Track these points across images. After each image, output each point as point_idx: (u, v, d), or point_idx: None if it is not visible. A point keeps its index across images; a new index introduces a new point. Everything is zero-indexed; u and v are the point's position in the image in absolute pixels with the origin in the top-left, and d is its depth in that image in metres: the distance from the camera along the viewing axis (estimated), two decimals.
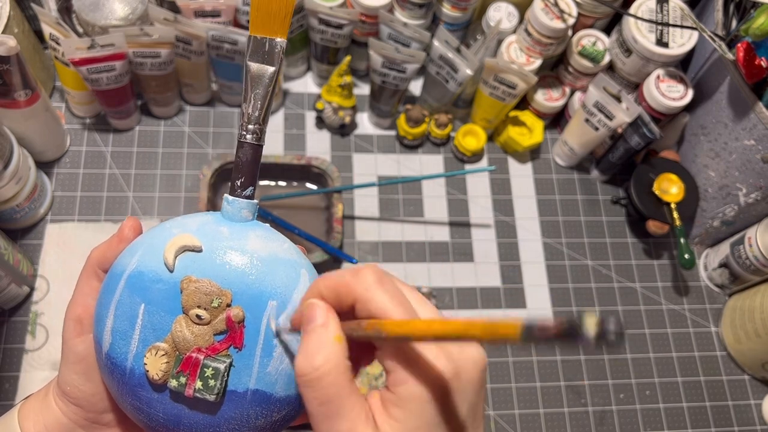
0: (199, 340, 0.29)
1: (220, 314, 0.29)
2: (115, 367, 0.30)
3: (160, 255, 0.30)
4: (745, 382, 0.78)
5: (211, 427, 0.30)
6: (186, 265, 0.29)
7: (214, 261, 0.29)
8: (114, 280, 0.31)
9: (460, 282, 0.79)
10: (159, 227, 0.32)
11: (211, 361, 0.28)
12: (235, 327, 0.29)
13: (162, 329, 0.29)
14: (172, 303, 0.29)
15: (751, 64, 0.65)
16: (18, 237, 0.73)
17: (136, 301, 0.29)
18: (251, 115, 0.32)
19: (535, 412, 0.73)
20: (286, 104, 0.86)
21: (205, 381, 0.28)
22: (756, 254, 0.73)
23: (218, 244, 0.30)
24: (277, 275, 0.30)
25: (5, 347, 0.68)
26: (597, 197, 0.86)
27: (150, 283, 0.29)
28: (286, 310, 0.29)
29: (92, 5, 0.70)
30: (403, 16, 0.78)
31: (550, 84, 0.84)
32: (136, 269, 0.30)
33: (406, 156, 0.85)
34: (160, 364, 0.29)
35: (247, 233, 0.31)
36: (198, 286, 0.29)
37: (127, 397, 0.30)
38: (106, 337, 0.30)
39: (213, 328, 0.29)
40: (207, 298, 0.29)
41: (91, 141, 0.79)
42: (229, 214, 0.32)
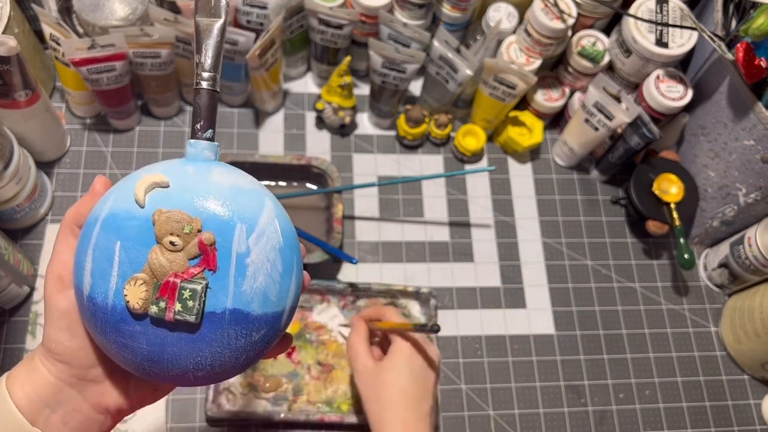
0: (174, 266, 0.30)
1: (192, 240, 0.30)
2: (97, 307, 0.31)
3: (130, 197, 0.31)
4: (745, 382, 0.78)
5: (193, 350, 0.31)
6: (156, 201, 0.31)
7: (182, 194, 0.31)
8: (89, 227, 0.32)
9: (460, 282, 0.79)
10: (127, 176, 0.33)
11: (187, 283, 0.30)
12: (207, 250, 0.30)
13: (139, 262, 0.30)
14: (146, 236, 0.30)
15: (750, 64, 0.65)
16: (18, 237, 0.73)
17: (111, 240, 0.31)
18: (204, 63, 0.34)
19: (535, 412, 0.74)
20: (286, 104, 0.86)
21: (184, 303, 0.30)
22: (756, 254, 0.73)
23: (185, 179, 0.32)
24: (242, 202, 0.32)
25: (5, 347, 0.68)
26: (597, 197, 0.86)
27: (123, 221, 0.31)
28: (255, 231, 0.31)
29: (92, 5, 0.70)
30: (403, 17, 0.78)
31: (550, 84, 0.84)
32: (109, 212, 0.31)
33: (406, 156, 0.85)
34: (139, 292, 0.30)
35: (210, 169, 0.33)
36: (169, 215, 0.30)
37: (110, 335, 0.31)
38: (86, 280, 0.31)
39: (187, 253, 0.30)
40: (178, 226, 0.30)
41: (91, 141, 0.80)
42: (192, 155, 0.34)
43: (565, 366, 0.76)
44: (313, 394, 0.70)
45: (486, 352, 0.76)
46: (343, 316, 0.74)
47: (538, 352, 0.77)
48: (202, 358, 0.31)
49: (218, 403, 0.67)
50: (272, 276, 0.32)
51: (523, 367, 0.75)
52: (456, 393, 0.73)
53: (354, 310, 0.74)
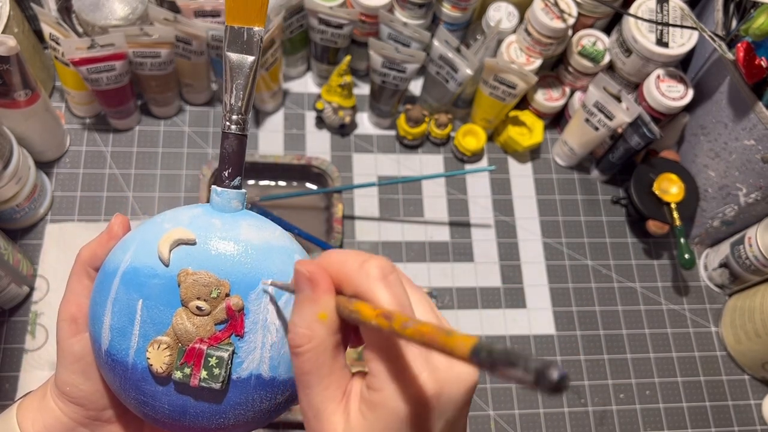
0: (200, 331, 0.29)
1: (219, 304, 0.29)
2: (117, 364, 0.30)
3: (154, 250, 0.30)
4: (745, 382, 0.78)
5: (216, 414, 0.30)
6: (181, 258, 0.29)
7: (209, 252, 0.30)
8: (108, 277, 0.31)
9: (460, 282, 0.79)
10: (150, 222, 0.32)
11: (214, 350, 0.29)
12: (235, 315, 0.29)
13: (162, 323, 0.29)
14: (170, 296, 0.29)
15: (751, 64, 0.65)
16: (18, 237, 0.73)
17: (133, 297, 0.29)
18: (233, 106, 0.32)
19: (535, 412, 0.73)
20: (286, 104, 0.86)
21: (210, 370, 0.29)
22: (756, 254, 0.73)
23: (211, 235, 0.30)
24: (272, 262, 0.30)
25: (5, 347, 0.68)
26: (597, 197, 0.86)
27: (146, 279, 0.29)
28: (285, 295, 0.30)
29: (92, 5, 0.70)
30: (403, 16, 0.78)
31: (550, 84, 0.84)
32: (131, 265, 0.30)
33: (406, 156, 0.85)
34: (163, 357, 0.29)
35: (239, 223, 0.31)
36: (196, 278, 0.29)
37: (130, 392, 0.30)
38: (105, 334, 0.30)
39: (213, 318, 0.29)
40: (206, 290, 0.29)
41: (91, 141, 0.79)
42: (219, 205, 0.32)
43: (565, 366, 0.76)
44: None
45: None
46: None
47: (538, 352, 0.76)
48: (224, 421, 0.30)
49: None
50: None
51: None
52: None
53: None
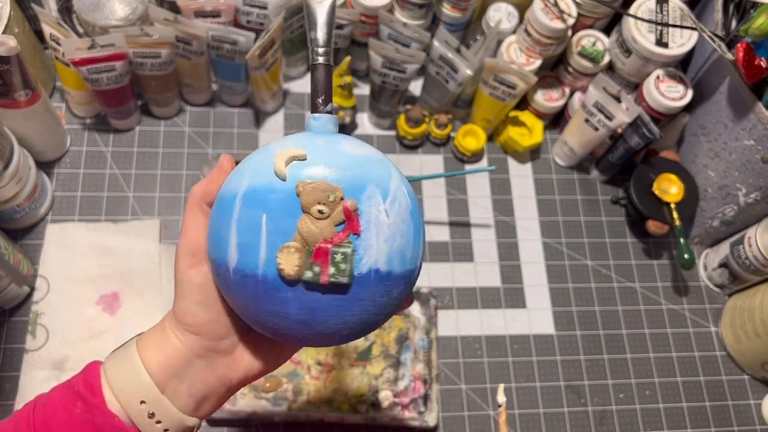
0: (324, 232, 0.32)
1: (336, 207, 0.32)
2: (247, 278, 0.32)
3: (268, 172, 0.33)
4: (745, 382, 0.78)
5: (343, 311, 0.33)
6: (294, 174, 0.32)
7: (318, 165, 0.33)
8: (228, 203, 0.33)
9: (460, 282, 0.79)
10: (256, 153, 0.35)
11: (338, 248, 0.32)
12: (352, 216, 0.32)
13: (286, 232, 0.32)
14: (291, 207, 0.32)
15: (750, 64, 0.65)
16: (18, 237, 0.73)
17: (256, 213, 0.32)
18: (318, 40, 0.36)
19: (535, 411, 0.74)
20: (286, 104, 0.86)
21: (337, 266, 0.32)
22: (756, 254, 0.73)
23: (318, 150, 0.33)
24: (373, 169, 0.34)
25: (5, 347, 0.68)
26: (597, 197, 0.86)
27: (266, 195, 0.32)
28: (389, 196, 0.33)
29: (92, 5, 0.70)
30: (403, 17, 0.78)
31: (550, 84, 0.84)
32: (249, 187, 0.33)
33: (406, 156, 0.85)
34: (293, 260, 0.31)
35: (339, 140, 0.35)
36: (314, 186, 0.32)
37: (262, 304, 0.33)
38: (232, 254, 0.33)
39: (333, 220, 0.32)
40: (324, 195, 0.32)
41: (91, 141, 0.80)
42: (318, 128, 0.36)
43: (565, 366, 0.76)
44: (313, 394, 0.70)
45: (486, 352, 0.76)
46: None
47: (538, 352, 0.77)
48: (350, 317, 0.33)
49: None
50: (407, 237, 0.34)
51: (523, 367, 0.75)
52: (456, 393, 0.73)
53: None
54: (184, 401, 0.35)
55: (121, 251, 0.72)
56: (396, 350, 0.72)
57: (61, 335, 0.68)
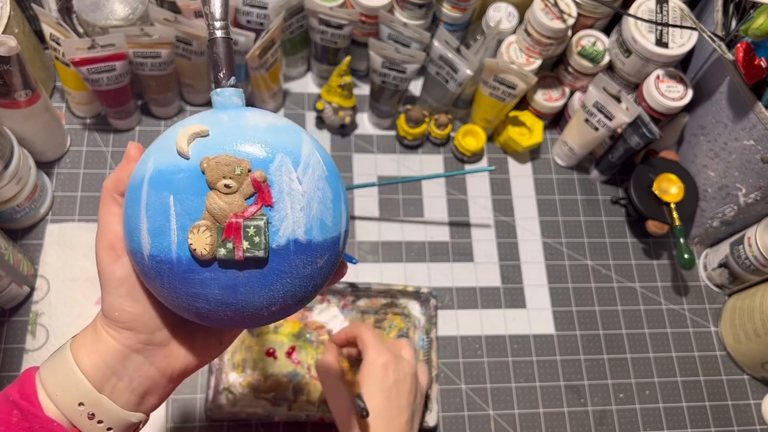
0: (234, 207, 0.31)
1: (245, 180, 0.31)
2: (162, 264, 0.31)
3: (172, 152, 0.32)
4: (745, 381, 0.78)
5: (265, 285, 0.32)
6: (199, 151, 0.31)
7: (223, 140, 0.32)
8: (136, 190, 0.32)
9: (460, 282, 0.79)
10: (161, 136, 0.34)
11: (250, 221, 0.31)
12: (261, 187, 0.31)
13: (195, 211, 0.31)
14: (198, 185, 0.31)
15: (750, 64, 0.65)
16: (18, 237, 0.73)
17: (163, 195, 0.31)
18: (214, 13, 0.35)
19: (535, 412, 0.74)
20: (286, 104, 0.86)
21: (251, 240, 0.31)
22: (755, 254, 0.73)
23: (222, 126, 0.32)
24: (282, 138, 0.33)
25: (5, 347, 0.68)
26: (597, 197, 0.86)
27: (172, 176, 0.31)
28: (301, 163, 0.32)
29: (92, 5, 0.70)
30: (403, 17, 0.78)
31: (550, 84, 0.84)
32: (154, 169, 0.32)
33: (406, 156, 0.85)
34: (204, 239, 0.31)
35: (244, 114, 0.33)
36: (218, 160, 0.31)
37: (180, 288, 0.32)
38: (145, 240, 0.32)
39: (242, 194, 0.31)
40: (229, 168, 0.31)
41: (91, 141, 0.80)
42: (222, 103, 0.34)
43: (565, 366, 0.76)
44: (313, 394, 0.70)
45: (486, 352, 0.76)
46: (343, 316, 0.74)
47: (538, 352, 0.77)
48: (274, 292, 0.32)
49: (218, 404, 0.67)
50: (325, 203, 0.33)
51: (523, 367, 0.75)
52: (456, 393, 0.73)
53: (354, 309, 0.74)
54: (126, 398, 0.35)
55: None
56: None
57: (61, 335, 0.68)
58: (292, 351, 0.72)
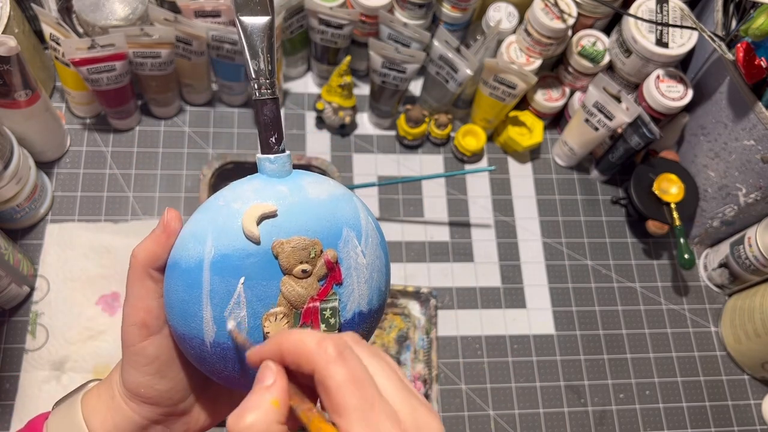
0: (310, 291, 0.30)
1: (318, 262, 0.31)
2: (230, 351, 0.30)
3: (236, 233, 0.30)
4: (745, 381, 0.78)
5: None
6: (268, 232, 0.30)
7: (290, 219, 0.30)
8: (191, 273, 0.30)
9: (460, 282, 0.79)
10: (212, 209, 0.31)
11: (325, 303, 0.31)
12: (334, 267, 0.31)
13: (269, 297, 0.30)
14: (270, 270, 0.30)
15: (750, 64, 0.65)
16: (18, 237, 0.73)
17: (231, 282, 0.29)
18: (263, 71, 0.32)
19: (535, 412, 0.74)
20: (286, 104, 0.86)
21: (327, 322, 0.31)
22: (756, 254, 0.73)
23: (286, 202, 0.31)
24: (343, 210, 0.32)
25: (5, 347, 0.68)
26: (597, 197, 0.86)
27: (240, 261, 0.29)
28: (362, 235, 0.32)
29: (92, 5, 0.70)
30: (403, 17, 0.78)
31: (550, 84, 0.84)
32: (218, 253, 0.30)
33: (406, 156, 0.85)
34: (282, 326, 0.30)
35: (302, 184, 0.32)
36: (293, 245, 0.30)
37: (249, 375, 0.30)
38: (209, 328, 0.30)
39: (316, 276, 0.31)
40: (305, 253, 0.30)
41: (91, 141, 0.80)
42: (275, 171, 0.32)
43: (565, 366, 0.76)
44: None
45: (486, 352, 0.76)
46: None
47: (538, 352, 0.77)
48: None
49: None
50: (381, 270, 0.33)
51: (523, 367, 0.75)
52: (456, 393, 0.73)
53: None
54: None
55: (121, 251, 0.72)
56: (396, 350, 0.72)
57: (61, 335, 0.68)
58: None
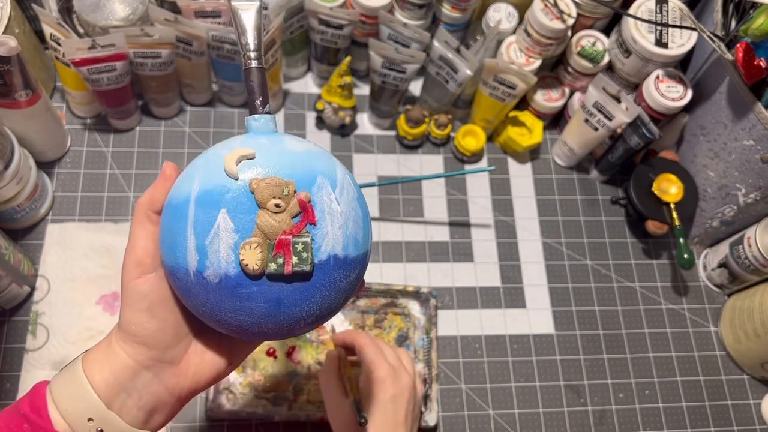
0: (283, 225, 0.33)
1: (291, 200, 0.33)
2: (208, 279, 0.33)
3: (219, 173, 0.33)
4: (745, 381, 0.79)
5: (307, 298, 0.34)
6: (246, 172, 0.33)
7: (268, 162, 0.34)
8: (180, 208, 0.34)
9: (460, 282, 0.79)
10: (201, 157, 0.35)
11: (298, 238, 0.33)
12: (307, 206, 0.34)
13: (246, 229, 0.33)
14: (247, 205, 0.33)
15: (750, 64, 0.65)
16: (19, 237, 0.73)
17: (212, 214, 0.33)
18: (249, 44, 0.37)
19: (534, 411, 0.74)
20: (286, 104, 0.86)
21: (299, 255, 0.33)
22: (755, 254, 0.73)
23: (265, 149, 0.35)
24: (319, 162, 0.35)
25: (6, 347, 0.68)
26: (596, 197, 0.86)
27: (220, 196, 0.33)
28: (337, 185, 0.35)
29: (93, 6, 0.71)
30: (403, 17, 0.78)
31: (550, 84, 0.84)
32: (202, 190, 0.33)
33: (406, 156, 0.85)
34: (256, 254, 0.32)
35: (282, 138, 0.36)
36: (268, 181, 0.33)
37: (226, 302, 0.33)
38: (191, 257, 0.33)
39: (289, 213, 0.33)
40: (278, 189, 0.33)
41: (91, 141, 0.80)
42: (259, 129, 0.37)
43: (564, 366, 0.76)
44: (313, 394, 0.70)
45: (486, 352, 0.76)
46: (343, 316, 0.74)
47: (538, 352, 0.77)
48: (313, 305, 0.34)
49: (218, 403, 0.67)
50: (357, 222, 0.36)
51: (523, 367, 0.76)
52: (456, 393, 0.73)
53: (354, 309, 0.74)
54: (133, 415, 0.36)
55: (121, 251, 0.72)
56: None
57: (62, 335, 0.68)
58: (292, 351, 0.72)
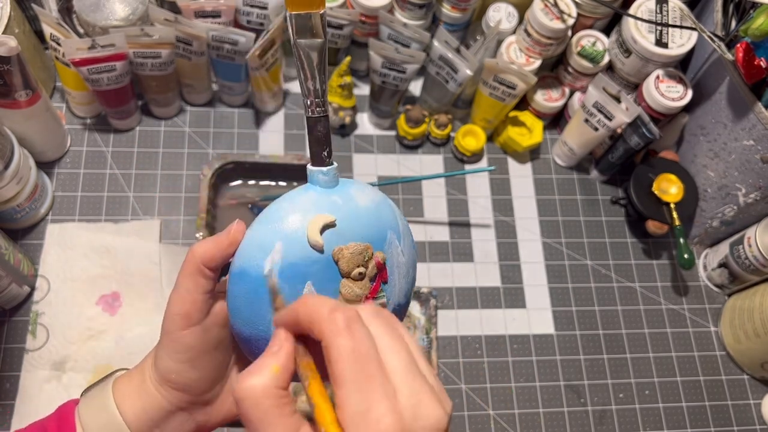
0: (365, 290, 0.35)
1: (370, 264, 0.34)
2: None
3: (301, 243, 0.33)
4: (745, 381, 0.78)
5: None
6: (327, 240, 0.33)
7: (346, 227, 0.34)
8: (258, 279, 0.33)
9: (460, 282, 0.79)
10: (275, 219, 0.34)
11: (376, 301, 0.35)
12: (383, 268, 0.35)
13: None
14: (331, 274, 0.34)
15: (750, 64, 0.65)
16: (19, 237, 0.73)
17: (298, 288, 0.33)
18: (317, 90, 0.34)
19: (534, 411, 0.74)
20: (286, 104, 0.86)
21: None
22: (755, 254, 0.73)
23: (341, 212, 0.34)
24: (386, 214, 0.36)
25: (6, 347, 0.68)
26: (596, 197, 0.86)
27: (306, 268, 0.33)
28: (401, 236, 0.36)
29: (93, 6, 0.70)
30: (403, 17, 0.78)
31: (550, 84, 0.84)
32: (286, 262, 0.33)
33: (406, 156, 0.85)
34: None
35: (350, 193, 0.36)
36: (351, 251, 0.34)
37: None
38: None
39: (368, 277, 0.34)
40: (361, 257, 0.34)
41: (91, 141, 0.80)
42: (327, 182, 0.36)
43: (564, 366, 0.76)
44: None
45: (486, 351, 0.76)
46: None
47: (537, 352, 0.77)
48: None
49: None
50: (413, 265, 0.37)
51: (522, 367, 0.76)
52: (456, 393, 0.73)
53: None
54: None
55: (121, 251, 0.72)
56: None
57: (61, 335, 0.68)
58: None
